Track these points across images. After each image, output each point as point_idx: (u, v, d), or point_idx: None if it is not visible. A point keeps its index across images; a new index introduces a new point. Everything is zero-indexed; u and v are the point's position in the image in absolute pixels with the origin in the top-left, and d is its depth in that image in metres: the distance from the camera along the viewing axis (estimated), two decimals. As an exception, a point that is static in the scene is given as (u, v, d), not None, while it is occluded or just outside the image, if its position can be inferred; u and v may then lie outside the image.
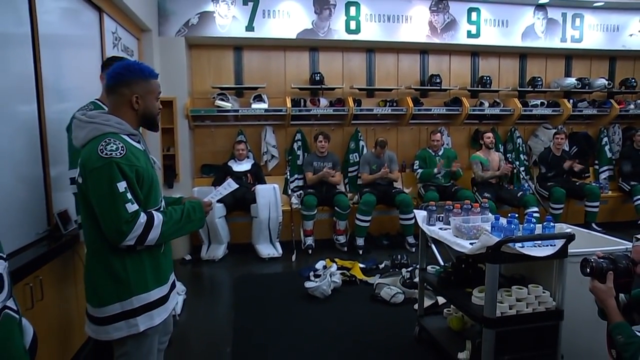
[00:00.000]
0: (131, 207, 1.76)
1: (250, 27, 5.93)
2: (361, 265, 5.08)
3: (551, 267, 2.65)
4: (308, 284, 4.31)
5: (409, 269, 4.47)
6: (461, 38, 6.57)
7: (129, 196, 1.76)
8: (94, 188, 1.76)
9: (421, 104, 6.77)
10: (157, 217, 1.86)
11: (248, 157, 6.18)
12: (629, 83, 7.38)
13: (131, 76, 1.89)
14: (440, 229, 3.08)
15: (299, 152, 6.58)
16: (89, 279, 1.91)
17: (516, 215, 2.69)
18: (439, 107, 6.85)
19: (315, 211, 5.83)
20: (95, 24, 3.89)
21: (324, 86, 6.50)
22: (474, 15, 6.55)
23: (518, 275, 2.89)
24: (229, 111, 6.20)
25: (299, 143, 6.61)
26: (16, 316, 1.23)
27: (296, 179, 6.46)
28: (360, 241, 5.87)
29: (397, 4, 6.31)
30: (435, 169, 6.20)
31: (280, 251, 5.71)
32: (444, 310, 3.46)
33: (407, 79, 6.96)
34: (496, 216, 2.73)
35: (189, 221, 2.00)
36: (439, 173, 6.20)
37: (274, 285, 4.71)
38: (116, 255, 1.83)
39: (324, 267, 4.70)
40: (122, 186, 1.74)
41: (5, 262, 1.23)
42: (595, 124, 7.57)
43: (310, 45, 6.56)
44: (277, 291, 4.53)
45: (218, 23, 5.86)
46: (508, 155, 7.06)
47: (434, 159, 6.36)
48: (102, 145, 1.75)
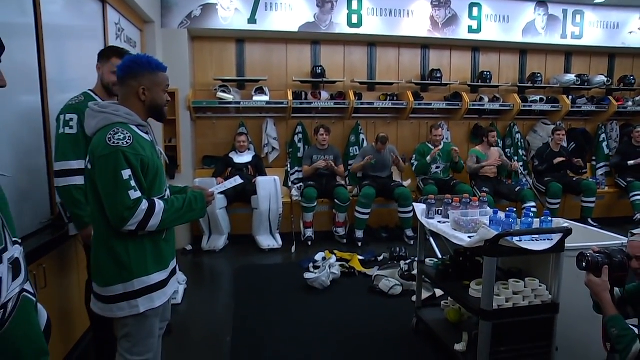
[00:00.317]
0: (134, 194, 1.82)
1: (252, 20, 5.92)
2: (360, 257, 5.11)
3: (548, 261, 2.67)
4: (307, 275, 4.33)
5: (407, 261, 4.50)
6: (462, 33, 6.57)
7: (133, 184, 1.82)
8: (100, 174, 1.83)
9: (421, 98, 6.77)
10: (159, 204, 1.91)
11: (249, 149, 6.20)
12: (627, 80, 7.39)
13: (138, 69, 1.95)
14: (439, 222, 3.09)
15: (300, 145, 6.59)
16: (95, 261, 1.98)
17: (514, 210, 2.71)
18: (439, 101, 6.86)
19: (315, 203, 5.85)
20: (98, 15, 3.89)
21: (325, 79, 6.51)
22: (475, 10, 6.55)
23: (515, 268, 2.90)
24: (230, 103, 6.21)
25: (300, 136, 6.63)
26: (33, 299, 1.26)
27: (297, 171, 6.48)
28: (359, 233, 5.91)
29: (399, -2, 6.31)
30: (428, 157, 6.21)
31: (280, 242, 5.74)
32: (442, 303, 3.49)
33: (407, 73, 6.98)
34: (494, 210, 2.75)
35: (190, 210, 2.05)
36: (432, 161, 6.20)
37: (273, 276, 4.74)
38: (119, 240, 1.89)
39: (324, 259, 4.72)
40: (126, 174, 1.81)
41: (21, 246, 1.25)
42: (593, 120, 7.60)
43: (312, 38, 6.55)
44: (277, 282, 4.56)
45: (220, 15, 5.86)
46: (507, 150, 7.09)
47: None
48: (111, 134, 1.82)
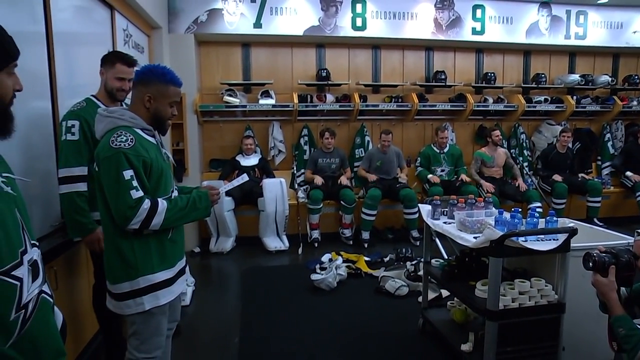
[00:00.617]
0: (135, 193, 1.87)
1: (258, 24, 5.96)
2: (366, 259, 5.12)
3: (553, 261, 2.66)
4: (314, 277, 4.35)
5: (413, 262, 4.51)
6: (466, 35, 6.59)
7: (134, 183, 1.88)
8: (104, 175, 1.90)
9: (426, 100, 6.79)
10: (162, 204, 1.96)
11: (256, 152, 6.23)
12: (632, 80, 7.39)
13: (150, 77, 2.00)
14: (445, 223, 3.10)
15: (306, 147, 6.64)
16: (105, 259, 2.04)
17: (519, 210, 2.71)
18: (443, 103, 6.88)
19: (322, 205, 5.89)
20: (106, 21, 3.93)
21: (330, 82, 6.55)
22: (478, 12, 6.56)
23: (521, 268, 2.89)
24: (237, 107, 6.26)
25: (306, 138, 6.67)
26: (51, 300, 1.28)
27: (303, 173, 6.51)
28: (365, 235, 5.93)
29: (403, 1, 6.32)
30: (430, 177, 6.23)
31: (287, 244, 5.78)
32: (448, 303, 3.50)
33: (412, 75, 7.00)
34: (500, 210, 2.77)
35: (194, 209, 2.08)
36: (434, 183, 6.19)
37: (280, 278, 4.77)
38: (125, 239, 1.95)
39: (330, 260, 4.76)
40: (127, 174, 1.86)
41: (39, 249, 1.28)
42: (598, 120, 7.59)
43: (316, 42, 6.60)
44: (284, 283, 4.58)
45: (226, 20, 5.90)
46: (511, 150, 7.09)
47: (438, 157, 6.41)
48: (114, 137, 1.88)
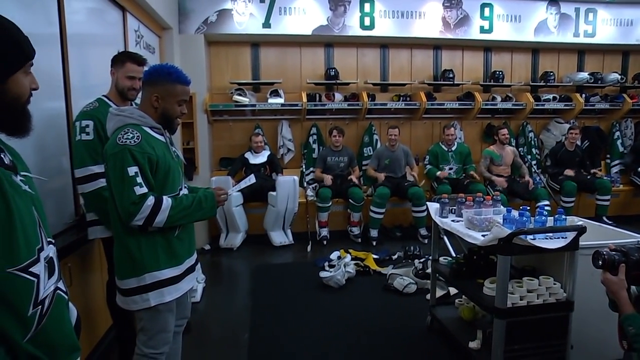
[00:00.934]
0: (139, 190, 1.89)
1: (267, 24, 6.01)
2: (375, 256, 5.14)
3: (562, 259, 2.65)
4: (323, 274, 4.38)
5: (421, 260, 4.53)
6: (474, 33, 6.58)
7: (139, 180, 1.90)
8: (110, 171, 1.94)
9: (434, 98, 6.80)
10: (166, 201, 1.97)
11: (265, 149, 6.26)
12: (642, 77, 7.33)
13: (157, 76, 2.03)
14: (453, 221, 3.10)
15: (315, 146, 6.68)
16: (115, 255, 2.08)
17: (528, 208, 2.70)
18: (451, 101, 6.88)
19: (330, 203, 5.92)
20: (119, 22, 4.00)
21: (338, 81, 6.58)
22: (486, 10, 6.56)
23: (529, 266, 2.89)
24: (246, 106, 6.32)
25: (315, 137, 6.71)
26: (65, 296, 1.31)
27: (311, 172, 6.54)
28: (373, 232, 5.95)
29: (411, 0, 6.33)
30: (440, 174, 6.27)
31: (292, 239, 5.85)
32: (456, 301, 3.50)
33: (420, 74, 7.01)
34: (508, 209, 2.76)
35: (199, 209, 2.09)
36: (443, 179, 6.24)
37: (289, 275, 4.80)
38: (132, 236, 1.98)
39: (339, 258, 4.78)
40: (132, 170, 1.88)
41: (54, 246, 1.31)
42: (607, 118, 7.55)
43: (325, 41, 6.63)
44: (293, 280, 4.61)
45: (236, 20, 5.95)
46: (520, 149, 7.08)
47: (446, 155, 6.41)
48: (121, 134, 1.92)
